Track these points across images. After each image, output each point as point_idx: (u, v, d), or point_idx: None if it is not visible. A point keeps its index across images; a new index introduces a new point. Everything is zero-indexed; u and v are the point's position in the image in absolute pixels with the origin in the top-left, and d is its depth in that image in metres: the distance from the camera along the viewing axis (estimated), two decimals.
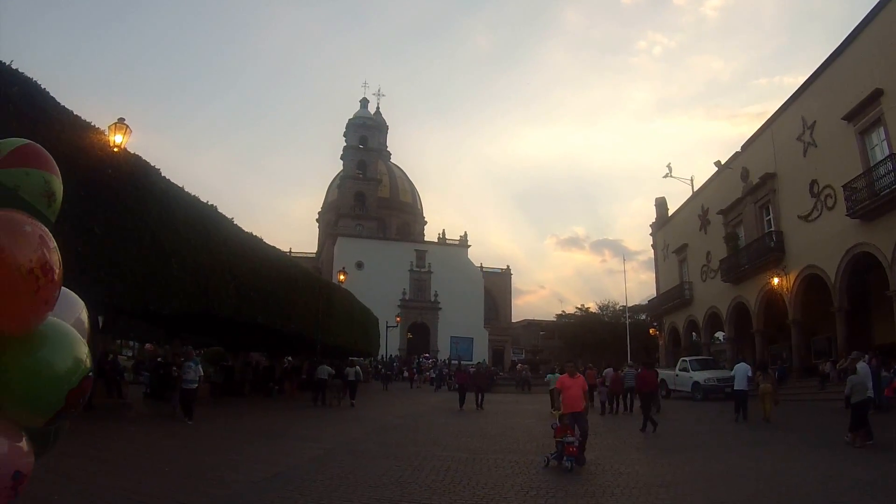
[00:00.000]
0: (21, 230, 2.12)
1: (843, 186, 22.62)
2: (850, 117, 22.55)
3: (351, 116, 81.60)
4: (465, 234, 75.09)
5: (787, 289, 27.58)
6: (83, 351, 2.30)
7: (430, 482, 9.06)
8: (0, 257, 2.01)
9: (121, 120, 12.36)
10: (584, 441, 10.58)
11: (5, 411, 2.10)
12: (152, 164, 14.25)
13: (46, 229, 2.21)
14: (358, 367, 26.15)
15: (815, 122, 25.24)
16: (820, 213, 25.10)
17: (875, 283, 23.27)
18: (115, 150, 12.12)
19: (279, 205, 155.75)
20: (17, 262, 2.05)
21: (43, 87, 10.43)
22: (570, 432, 10.24)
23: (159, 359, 21.74)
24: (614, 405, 21.61)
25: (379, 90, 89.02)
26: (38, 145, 2.34)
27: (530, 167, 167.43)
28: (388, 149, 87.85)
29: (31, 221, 2.18)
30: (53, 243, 2.20)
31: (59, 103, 10.81)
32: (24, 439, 2.14)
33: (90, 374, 2.32)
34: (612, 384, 21.60)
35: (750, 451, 12.59)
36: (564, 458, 9.95)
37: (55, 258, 2.19)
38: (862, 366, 13.68)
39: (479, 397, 23.20)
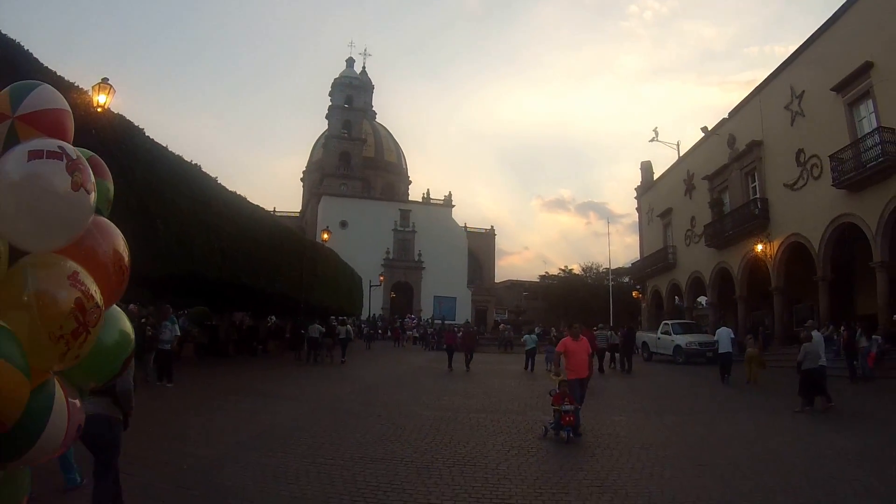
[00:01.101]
0: (111, 232, 2.53)
1: (829, 157, 22.72)
2: (840, 88, 22.54)
3: (337, 76, 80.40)
4: (450, 193, 74.89)
5: (771, 256, 27.87)
6: (128, 325, 2.72)
7: (412, 440, 9.22)
8: (98, 255, 2.38)
9: (104, 80, 12.14)
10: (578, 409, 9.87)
11: (72, 378, 2.42)
12: (136, 125, 14.03)
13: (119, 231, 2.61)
14: (349, 326, 26.61)
15: (803, 91, 25.21)
16: (806, 183, 25.23)
17: (859, 254, 23.55)
18: (99, 110, 11.92)
19: (263, 163, 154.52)
20: (110, 260, 2.43)
21: (25, 47, 10.18)
22: (568, 400, 9.64)
23: (143, 319, 21.63)
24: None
25: (365, 50, 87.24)
26: (100, 158, 2.70)
27: (517, 129, 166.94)
28: (373, 108, 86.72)
29: (113, 225, 2.58)
30: (125, 242, 2.60)
31: (41, 64, 10.52)
32: (79, 398, 2.49)
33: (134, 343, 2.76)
34: None
35: (731, 415, 12.90)
36: (562, 428, 9.49)
37: (128, 254, 2.60)
38: (816, 334, 14.01)
39: (468, 358, 23.38)
